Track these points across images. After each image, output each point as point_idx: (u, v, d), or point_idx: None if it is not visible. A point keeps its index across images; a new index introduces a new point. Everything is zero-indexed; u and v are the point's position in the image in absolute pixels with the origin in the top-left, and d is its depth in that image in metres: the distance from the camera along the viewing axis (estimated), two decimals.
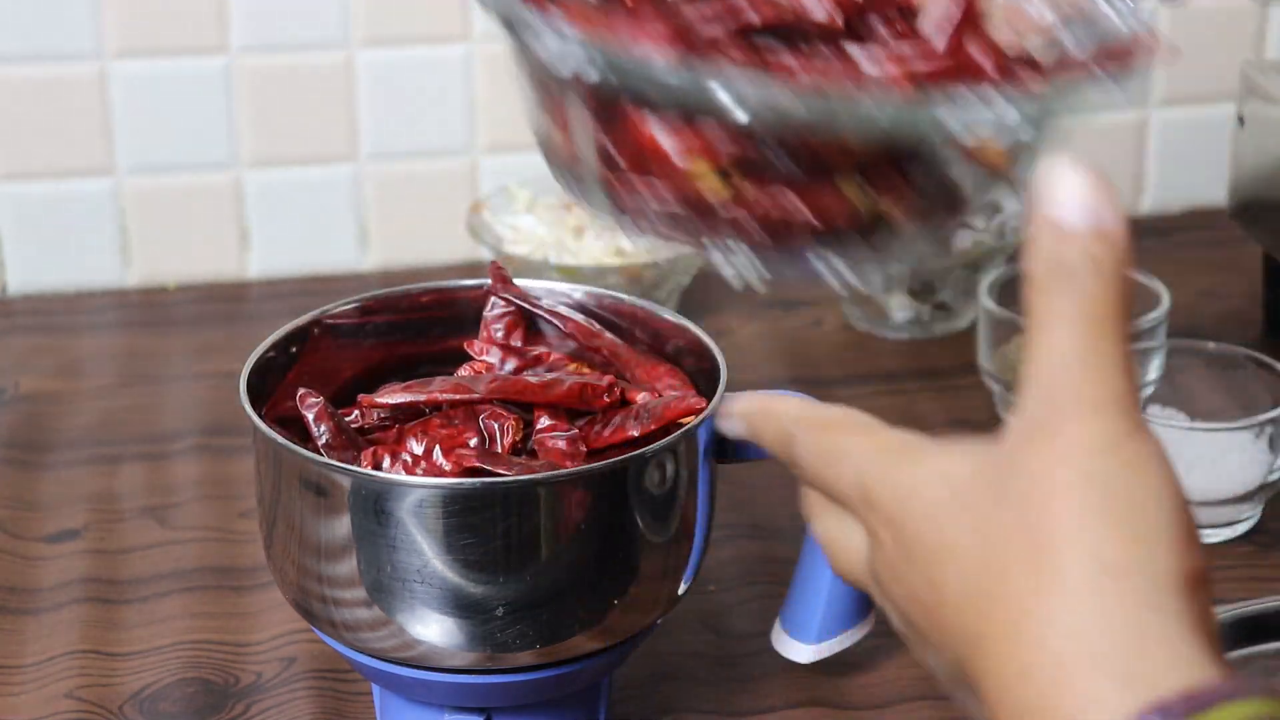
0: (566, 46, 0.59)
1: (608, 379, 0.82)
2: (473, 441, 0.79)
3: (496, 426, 0.80)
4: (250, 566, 0.98)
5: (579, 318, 0.87)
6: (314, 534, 0.77)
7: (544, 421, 0.81)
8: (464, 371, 0.85)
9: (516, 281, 0.88)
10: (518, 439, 0.80)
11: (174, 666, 0.91)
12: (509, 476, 0.75)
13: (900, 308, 1.21)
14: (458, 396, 0.81)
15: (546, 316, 0.86)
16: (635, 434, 0.80)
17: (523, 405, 0.82)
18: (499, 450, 0.80)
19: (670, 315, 0.86)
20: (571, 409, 0.81)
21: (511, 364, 0.85)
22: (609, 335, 0.86)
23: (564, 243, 1.19)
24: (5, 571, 0.98)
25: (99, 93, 1.25)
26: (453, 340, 0.88)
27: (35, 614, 0.95)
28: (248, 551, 0.99)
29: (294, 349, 0.85)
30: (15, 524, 1.02)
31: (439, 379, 0.82)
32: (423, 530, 0.74)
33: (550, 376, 0.82)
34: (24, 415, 1.12)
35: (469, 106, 1.29)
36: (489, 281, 0.87)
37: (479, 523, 0.74)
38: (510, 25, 0.61)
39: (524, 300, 0.87)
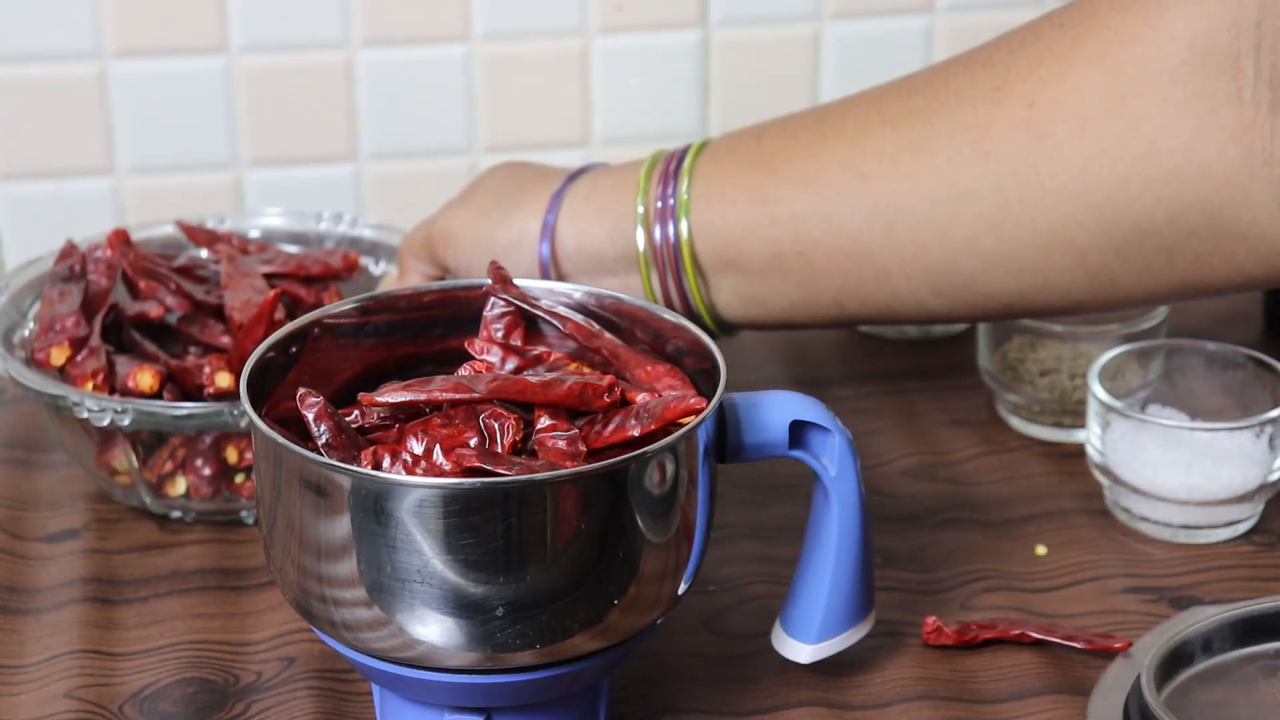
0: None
1: (608, 379, 0.82)
2: (473, 441, 0.79)
3: (496, 426, 0.80)
4: (250, 566, 0.98)
5: (578, 318, 0.86)
6: (314, 534, 0.77)
7: (544, 421, 0.81)
8: (464, 371, 0.85)
9: (516, 282, 0.88)
10: (518, 439, 0.80)
11: (174, 666, 0.91)
12: (509, 476, 0.75)
13: None
14: (458, 396, 0.81)
15: (546, 317, 0.86)
16: (635, 434, 0.80)
17: (523, 405, 0.82)
18: (499, 450, 0.79)
19: (670, 315, 0.86)
20: (571, 409, 0.81)
21: (512, 363, 0.85)
22: (609, 335, 0.86)
23: None
24: (5, 571, 0.98)
25: (99, 93, 1.25)
26: (453, 340, 0.88)
27: (35, 614, 0.95)
28: (248, 551, 0.99)
29: (294, 349, 0.85)
30: (15, 524, 1.02)
31: (439, 378, 0.82)
32: (423, 530, 0.74)
33: (550, 376, 0.82)
34: (24, 415, 1.12)
35: (469, 106, 1.29)
36: (489, 281, 0.87)
37: (479, 523, 0.74)
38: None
39: (523, 301, 0.87)
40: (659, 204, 0.96)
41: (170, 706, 0.88)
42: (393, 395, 0.81)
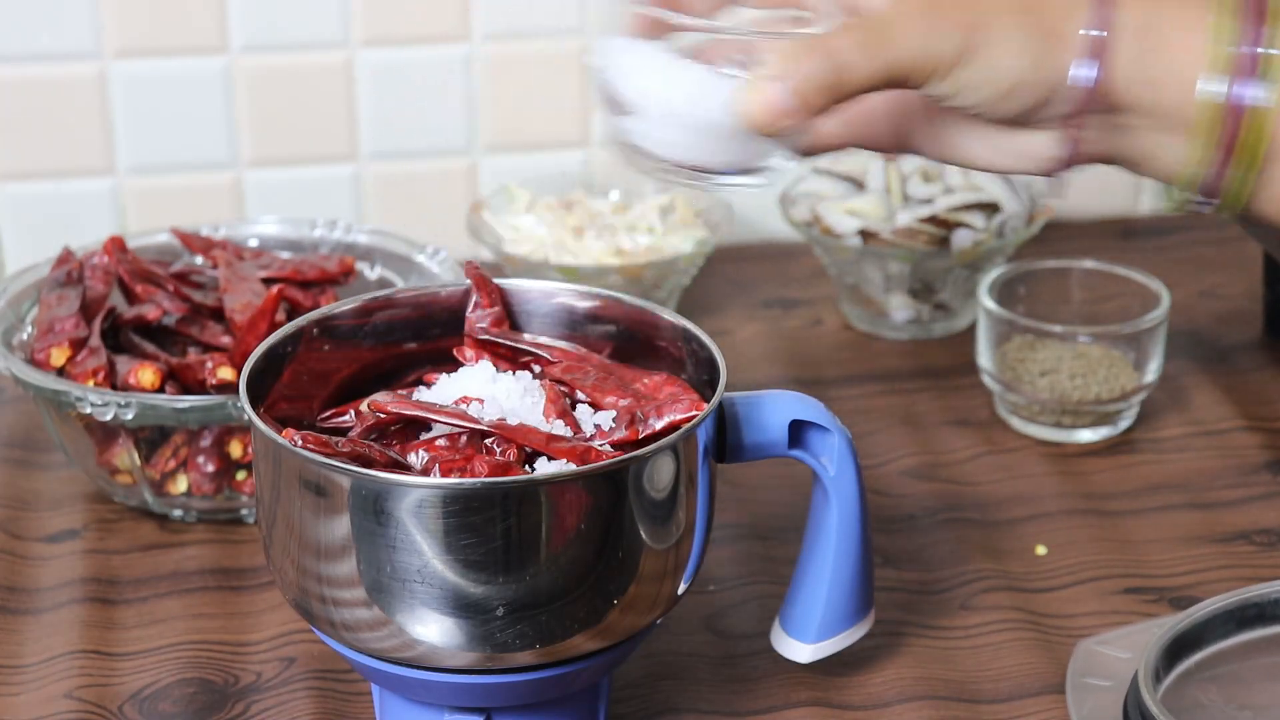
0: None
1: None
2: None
3: (498, 449, 0.80)
4: (250, 566, 0.98)
5: (564, 345, 0.86)
6: (314, 534, 0.77)
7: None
8: (464, 406, 0.83)
9: (502, 281, 0.87)
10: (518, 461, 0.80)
11: (174, 666, 0.91)
12: (509, 476, 0.75)
13: (900, 308, 1.21)
14: (463, 423, 0.80)
15: (531, 350, 0.86)
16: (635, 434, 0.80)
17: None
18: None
19: (670, 315, 0.86)
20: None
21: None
22: (597, 358, 0.86)
23: (564, 243, 1.19)
24: (5, 571, 0.98)
25: (99, 93, 1.25)
26: (449, 340, 0.88)
27: (35, 614, 0.95)
28: (248, 551, 1.00)
29: (292, 349, 0.85)
30: (15, 524, 1.02)
31: (444, 407, 0.81)
32: (423, 530, 0.74)
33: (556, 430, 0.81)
34: (24, 415, 1.12)
35: (469, 106, 1.29)
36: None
37: (479, 523, 0.74)
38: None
39: (506, 338, 0.86)
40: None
41: (170, 706, 0.88)
42: (401, 406, 0.80)
